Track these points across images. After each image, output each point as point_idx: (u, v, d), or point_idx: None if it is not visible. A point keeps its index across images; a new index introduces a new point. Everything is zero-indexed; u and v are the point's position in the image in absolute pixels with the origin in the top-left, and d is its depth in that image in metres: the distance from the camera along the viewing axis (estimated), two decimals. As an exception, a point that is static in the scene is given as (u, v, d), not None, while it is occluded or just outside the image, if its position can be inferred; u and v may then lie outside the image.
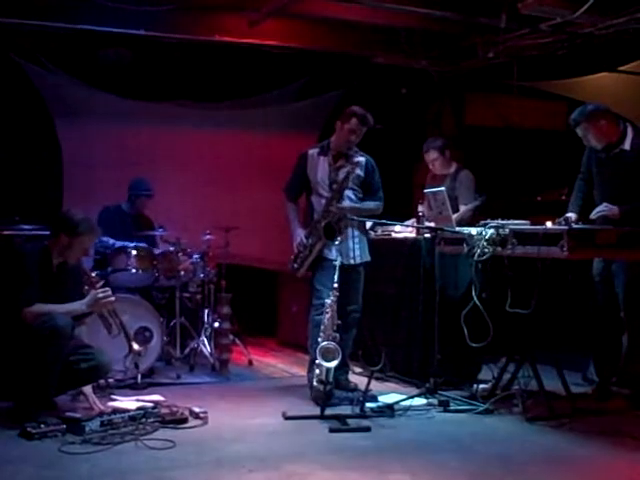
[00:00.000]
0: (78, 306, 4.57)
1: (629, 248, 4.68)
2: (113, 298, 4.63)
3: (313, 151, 5.47)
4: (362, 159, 5.41)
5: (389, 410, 4.78)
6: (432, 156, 6.28)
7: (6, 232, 6.17)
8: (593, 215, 4.90)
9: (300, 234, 5.37)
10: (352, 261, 5.35)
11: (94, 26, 6.45)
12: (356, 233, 5.40)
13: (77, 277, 4.75)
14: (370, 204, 5.44)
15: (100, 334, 5.11)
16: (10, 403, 4.50)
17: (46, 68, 7.32)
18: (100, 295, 4.57)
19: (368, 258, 5.47)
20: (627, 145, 4.99)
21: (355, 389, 5.27)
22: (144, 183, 6.57)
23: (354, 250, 5.37)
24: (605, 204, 4.92)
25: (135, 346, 4.68)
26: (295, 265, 5.38)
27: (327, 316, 4.87)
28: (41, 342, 4.32)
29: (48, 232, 4.85)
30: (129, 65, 7.43)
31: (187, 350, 6.36)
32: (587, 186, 5.26)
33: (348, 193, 5.34)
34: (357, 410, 4.78)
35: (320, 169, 5.38)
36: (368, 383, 4.89)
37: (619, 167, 5.00)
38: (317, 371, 4.82)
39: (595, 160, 5.16)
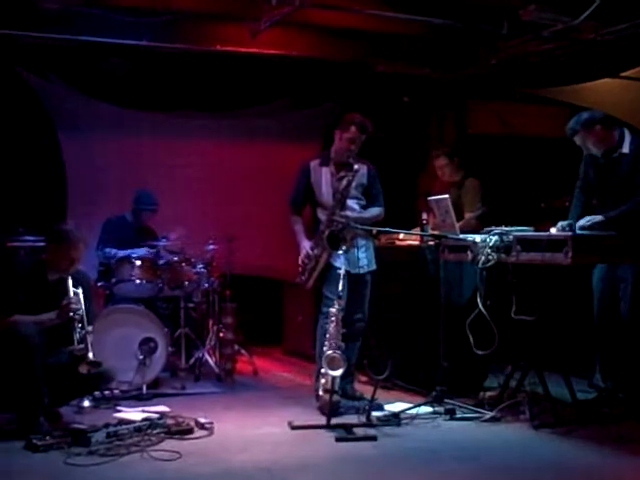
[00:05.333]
0: (48, 315, 4.58)
1: (633, 253, 4.67)
2: (75, 305, 4.57)
3: (315, 163, 5.46)
4: (364, 167, 5.40)
5: (395, 419, 4.77)
6: (442, 162, 6.28)
7: (11, 244, 6.19)
8: (578, 230, 4.73)
9: (306, 246, 5.37)
10: (359, 270, 5.35)
11: (96, 37, 6.46)
12: (362, 242, 5.40)
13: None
14: (372, 211, 5.44)
15: (106, 344, 5.13)
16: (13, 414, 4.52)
17: (49, 80, 7.34)
18: (64, 303, 4.57)
19: (375, 266, 5.47)
20: (626, 149, 5.00)
21: (361, 398, 5.25)
22: (149, 197, 6.54)
23: (361, 259, 5.37)
24: (588, 217, 4.87)
25: (90, 356, 4.50)
26: (303, 277, 5.37)
27: (332, 325, 4.87)
28: (10, 352, 4.39)
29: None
30: (131, 76, 7.45)
31: (192, 360, 6.34)
32: (585, 194, 5.25)
33: (351, 203, 5.34)
34: (363, 419, 4.77)
35: (324, 181, 5.38)
36: (374, 392, 4.87)
37: (619, 171, 5.00)
38: (323, 380, 4.82)
39: (593, 166, 5.17)
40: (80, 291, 4.65)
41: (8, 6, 6.05)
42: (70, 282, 4.66)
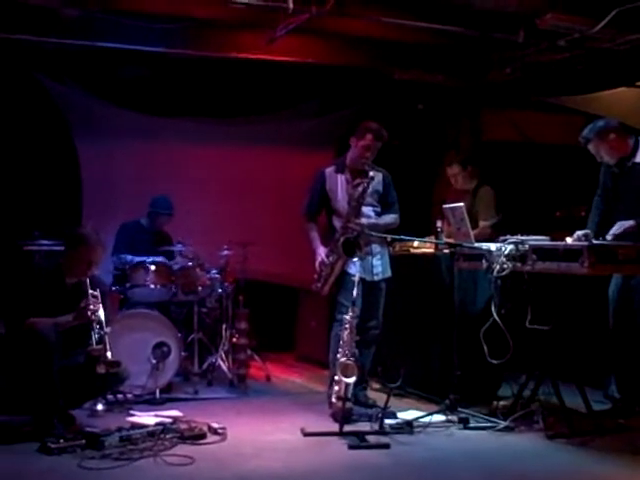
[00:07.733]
0: (65, 318, 4.60)
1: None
2: (94, 307, 4.57)
3: (330, 170, 5.47)
4: (379, 174, 5.40)
5: (408, 427, 4.75)
6: (454, 170, 6.28)
7: (27, 248, 6.24)
8: (609, 237, 4.78)
9: (321, 253, 5.37)
10: (374, 277, 5.35)
11: (114, 44, 6.51)
12: (377, 249, 5.40)
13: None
14: (387, 218, 5.45)
15: (120, 348, 5.14)
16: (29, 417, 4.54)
17: (67, 85, 7.40)
18: (82, 305, 4.59)
19: (389, 274, 5.46)
20: (639, 158, 4.98)
21: (374, 405, 5.25)
22: (165, 202, 6.56)
23: (376, 266, 5.37)
24: (619, 223, 4.86)
25: (109, 356, 4.50)
26: (318, 284, 5.37)
27: (346, 332, 4.87)
28: (28, 353, 4.42)
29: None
30: (148, 82, 7.49)
31: (205, 365, 6.35)
32: (604, 203, 5.22)
33: (367, 210, 5.34)
34: (376, 427, 4.75)
35: (340, 188, 5.38)
36: (387, 399, 4.86)
37: (633, 180, 4.98)
38: (336, 387, 4.81)
39: (610, 176, 5.15)
40: (98, 293, 4.67)
41: (27, 13, 6.10)
42: (88, 283, 4.67)
